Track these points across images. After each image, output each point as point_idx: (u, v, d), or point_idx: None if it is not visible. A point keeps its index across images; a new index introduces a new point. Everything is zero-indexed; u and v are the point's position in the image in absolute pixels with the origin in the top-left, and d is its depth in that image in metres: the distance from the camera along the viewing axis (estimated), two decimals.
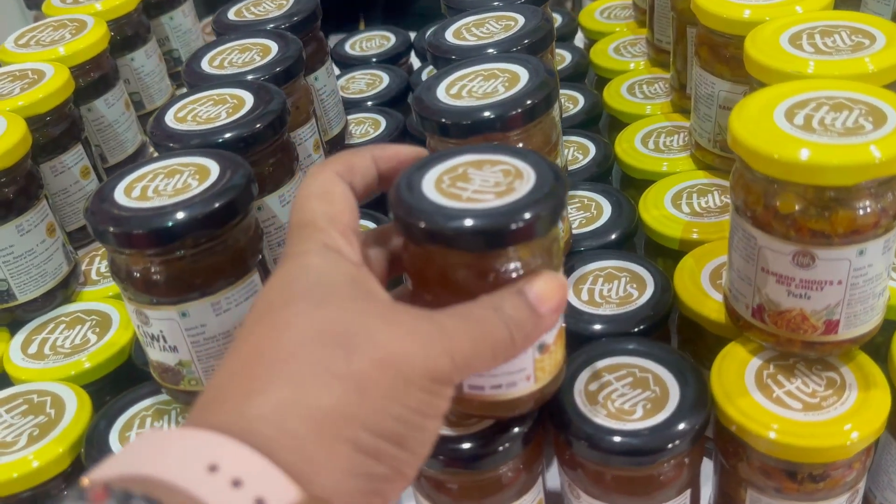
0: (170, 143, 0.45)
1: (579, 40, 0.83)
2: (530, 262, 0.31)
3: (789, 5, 0.49)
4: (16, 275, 0.53)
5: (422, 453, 0.28)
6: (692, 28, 0.59)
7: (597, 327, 0.46)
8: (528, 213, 0.30)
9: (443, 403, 0.28)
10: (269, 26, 0.58)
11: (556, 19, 0.78)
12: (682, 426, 0.38)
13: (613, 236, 0.53)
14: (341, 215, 0.31)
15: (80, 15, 0.68)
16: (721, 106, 0.54)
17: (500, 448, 0.39)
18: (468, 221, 0.30)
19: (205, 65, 0.54)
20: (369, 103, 0.74)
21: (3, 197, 0.51)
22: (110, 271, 0.41)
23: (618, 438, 0.38)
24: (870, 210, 0.35)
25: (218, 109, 0.47)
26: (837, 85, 0.39)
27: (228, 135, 0.44)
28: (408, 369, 0.27)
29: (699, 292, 0.47)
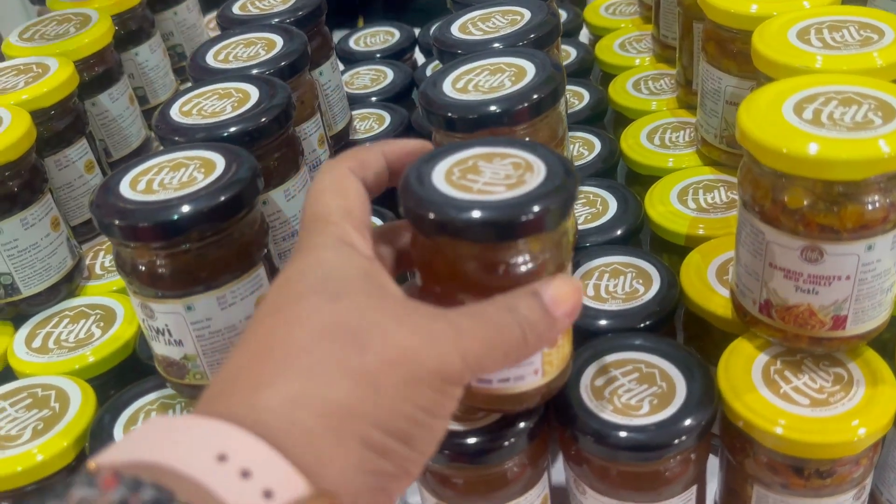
0: (175, 137, 0.45)
1: (584, 36, 0.82)
2: (540, 255, 0.31)
3: (797, 0, 0.49)
4: (20, 269, 0.53)
5: (428, 452, 0.28)
6: (699, 23, 0.59)
7: (603, 323, 0.45)
8: (539, 206, 0.30)
9: (451, 403, 0.28)
10: (274, 21, 0.58)
11: (562, 15, 0.78)
12: (688, 422, 0.38)
13: (619, 232, 0.53)
14: (355, 210, 0.31)
15: (84, 9, 0.68)
16: (728, 101, 0.54)
17: (505, 443, 0.39)
18: (479, 213, 0.30)
19: (210, 59, 0.54)
20: (373, 99, 0.74)
21: (8, 190, 0.51)
22: (115, 265, 0.41)
23: (624, 434, 0.38)
24: (878, 205, 0.35)
25: (223, 103, 0.47)
26: (846, 80, 0.39)
27: (234, 128, 0.44)
28: (419, 368, 0.26)
29: (705, 288, 0.47)
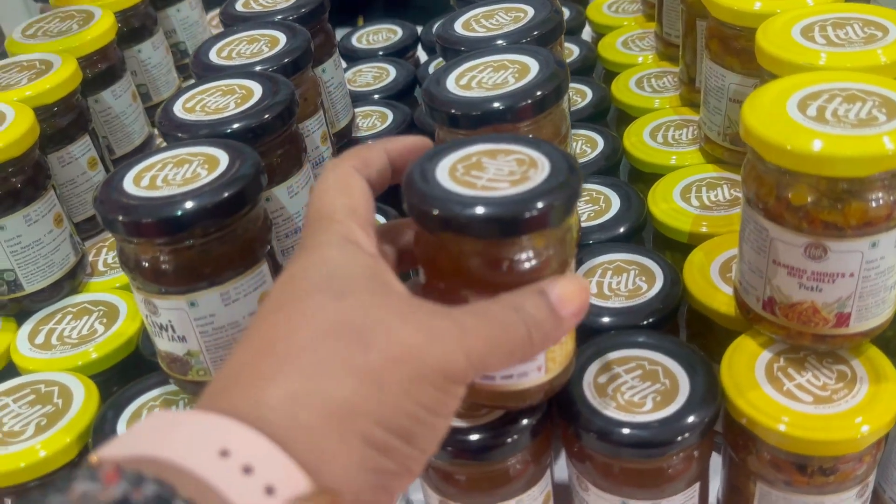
0: (178, 133, 0.45)
1: (587, 34, 0.82)
2: (544, 251, 0.31)
3: None
4: (23, 265, 0.53)
5: (429, 450, 0.28)
6: (702, 21, 0.59)
7: (606, 320, 0.45)
8: (543, 202, 0.30)
9: (454, 402, 0.28)
10: (277, 17, 0.58)
11: (565, 12, 0.78)
12: (691, 419, 0.38)
13: (622, 229, 0.53)
14: (360, 208, 0.31)
15: (87, 6, 0.68)
16: (731, 99, 0.54)
17: (508, 440, 0.39)
18: (483, 209, 0.30)
19: (213, 56, 0.54)
20: (376, 96, 0.74)
21: (11, 187, 0.51)
22: (119, 260, 0.41)
23: (627, 431, 0.38)
24: (882, 202, 0.35)
25: (226, 100, 0.47)
26: (850, 76, 0.39)
27: (237, 125, 0.44)
28: (423, 366, 0.26)
29: (709, 285, 0.47)
